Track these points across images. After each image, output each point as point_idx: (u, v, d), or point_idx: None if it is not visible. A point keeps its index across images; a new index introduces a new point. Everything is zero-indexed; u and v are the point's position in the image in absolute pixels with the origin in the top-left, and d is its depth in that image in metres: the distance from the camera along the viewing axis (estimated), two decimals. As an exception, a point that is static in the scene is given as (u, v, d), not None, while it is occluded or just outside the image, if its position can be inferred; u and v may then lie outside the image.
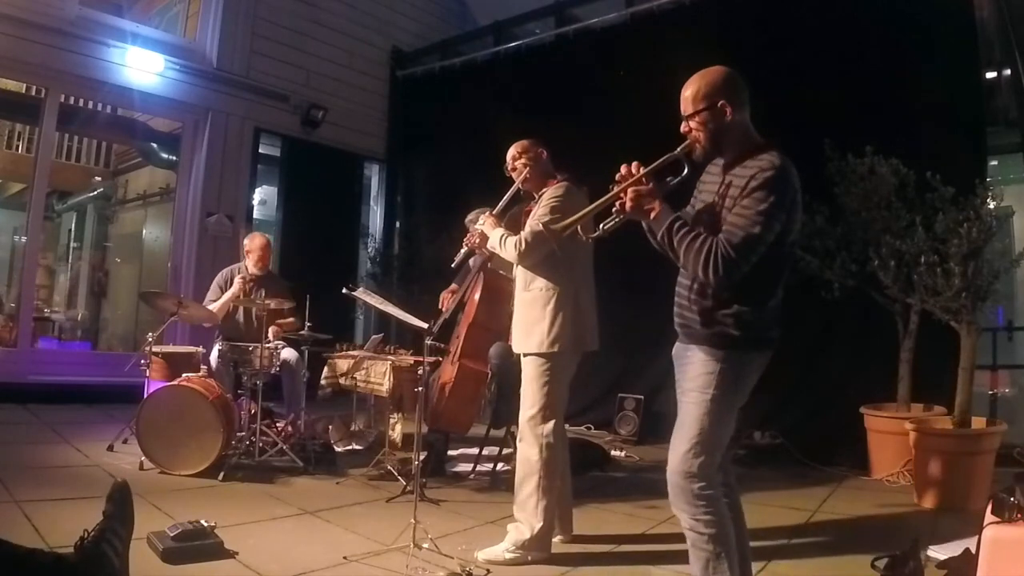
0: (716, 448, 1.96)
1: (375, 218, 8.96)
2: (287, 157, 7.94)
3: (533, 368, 2.90)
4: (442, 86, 8.14)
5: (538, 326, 2.88)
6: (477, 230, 3.15)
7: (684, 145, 2.05)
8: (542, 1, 7.49)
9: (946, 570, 2.46)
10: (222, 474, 3.75)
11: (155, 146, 8.35)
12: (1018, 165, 5.52)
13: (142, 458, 3.79)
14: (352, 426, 5.15)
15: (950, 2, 4.93)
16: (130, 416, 4.14)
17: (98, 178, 10.15)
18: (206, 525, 2.64)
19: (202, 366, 4.39)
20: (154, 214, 9.50)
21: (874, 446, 4.38)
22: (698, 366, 1.98)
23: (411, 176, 8.70)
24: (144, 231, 9.60)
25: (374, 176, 8.99)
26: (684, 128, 2.06)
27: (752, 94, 2.05)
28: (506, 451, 4.19)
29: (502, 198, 3.12)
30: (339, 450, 4.68)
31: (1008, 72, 5.33)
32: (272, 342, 4.52)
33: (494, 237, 3.00)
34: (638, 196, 1.97)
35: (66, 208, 10.43)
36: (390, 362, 4.15)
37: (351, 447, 4.87)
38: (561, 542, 2.99)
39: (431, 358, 3.61)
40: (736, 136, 2.02)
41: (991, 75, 5.35)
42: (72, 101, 7.53)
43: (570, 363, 2.94)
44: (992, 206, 3.90)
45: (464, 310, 4.04)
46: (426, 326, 3.15)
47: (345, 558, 2.66)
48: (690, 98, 2.03)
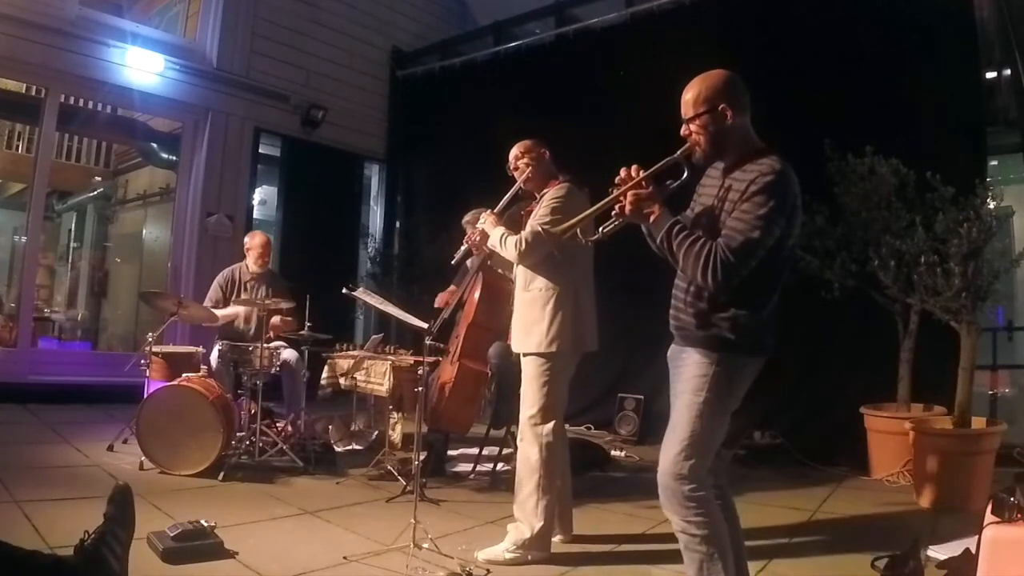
0: (707, 451, 1.96)
1: (375, 218, 8.96)
2: (287, 157, 7.94)
3: (532, 368, 2.90)
4: (442, 86, 8.13)
5: (537, 326, 2.88)
6: (478, 229, 3.15)
7: (684, 148, 2.04)
8: (542, 1, 7.49)
9: (946, 570, 2.46)
10: (222, 474, 3.75)
11: (155, 146, 8.35)
12: (1018, 165, 5.52)
13: (142, 458, 3.79)
14: (352, 426, 5.15)
15: (950, 2, 4.93)
16: (130, 416, 4.14)
17: (98, 178, 10.15)
18: (206, 525, 2.64)
19: (202, 366, 4.39)
20: (154, 214, 9.50)
21: (874, 446, 4.38)
22: (692, 368, 1.98)
23: (411, 176, 8.70)
24: (144, 231, 9.60)
25: (374, 176, 8.99)
26: (684, 131, 2.05)
27: (752, 94, 2.05)
28: (506, 451, 4.19)
29: (502, 198, 3.12)
30: (339, 450, 4.68)
31: (1008, 72, 5.33)
32: (272, 342, 4.52)
33: (494, 236, 3.00)
34: (638, 199, 1.97)
35: (66, 208, 10.43)
36: (390, 362, 4.16)
37: (351, 447, 4.87)
38: (561, 542, 2.99)
39: (431, 358, 3.61)
40: (736, 140, 2.02)
41: (991, 75, 5.35)
42: (72, 101, 7.52)
43: (569, 363, 2.94)
44: (992, 206, 3.90)
45: (463, 310, 4.04)
46: (426, 326, 3.16)
47: (345, 558, 2.67)
48: (691, 101, 2.03)
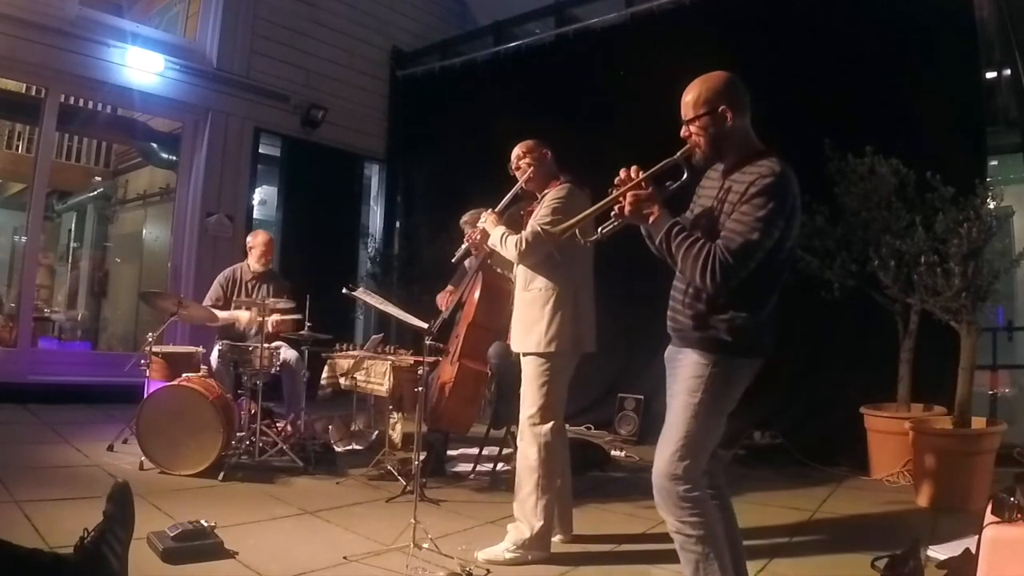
0: (702, 451, 1.96)
1: (375, 218, 8.96)
2: (287, 157, 7.94)
3: (532, 368, 2.90)
4: (442, 86, 8.13)
5: (537, 326, 2.88)
6: (479, 228, 3.16)
7: (684, 149, 2.04)
8: (542, 1, 7.49)
9: (946, 570, 2.46)
10: (222, 474, 3.75)
11: (155, 146, 8.35)
12: (1018, 165, 5.52)
13: (142, 458, 3.79)
14: (352, 426, 5.15)
15: (950, 2, 4.93)
16: (130, 416, 4.14)
17: (98, 178, 10.14)
18: (206, 525, 2.64)
19: (202, 366, 4.39)
20: (154, 214, 9.49)
21: (874, 446, 4.38)
22: (688, 369, 1.98)
23: (411, 176, 8.69)
24: (144, 231, 9.60)
25: (374, 176, 8.99)
26: (684, 133, 2.05)
27: (752, 94, 2.05)
28: (506, 451, 4.19)
29: (502, 198, 3.12)
30: (339, 450, 4.68)
31: (1008, 72, 5.33)
32: (272, 341, 4.52)
33: (495, 235, 3.00)
34: (637, 200, 1.97)
35: (66, 208, 10.42)
36: (390, 362, 4.15)
37: (351, 447, 4.87)
38: (561, 542, 2.99)
39: (431, 358, 3.61)
40: (736, 142, 2.02)
41: (991, 75, 5.35)
42: (72, 101, 7.52)
43: (569, 363, 2.94)
44: (992, 206, 3.89)
45: (463, 310, 4.04)
46: (426, 326, 3.16)
47: (345, 558, 2.67)
48: (691, 103, 2.02)
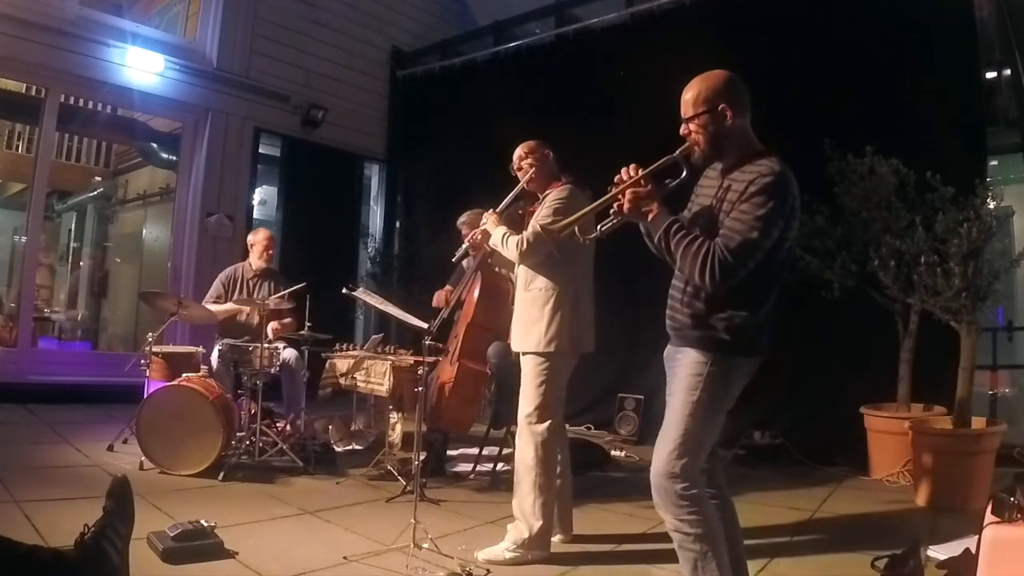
0: (700, 450, 1.96)
1: (375, 218, 8.96)
2: (287, 157, 7.94)
3: (531, 367, 2.91)
4: (442, 86, 8.13)
5: (536, 325, 2.88)
6: (480, 228, 3.16)
7: (683, 148, 2.04)
8: (542, 1, 7.49)
9: (946, 570, 2.46)
10: (222, 474, 3.75)
11: (155, 146, 8.35)
12: (1018, 165, 5.51)
13: (142, 458, 3.79)
14: (352, 426, 5.15)
15: (950, 2, 4.93)
16: (130, 416, 4.14)
17: (98, 178, 10.14)
18: (206, 525, 2.64)
19: (202, 366, 4.39)
20: (154, 214, 9.50)
21: (874, 446, 4.38)
22: (687, 368, 1.98)
23: (411, 176, 8.70)
24: (144, 231, 9.60)
25: (374, 176, 8.99)
26: (684, 131, 2.05)
27: (752, 94, 2.05)
28: (506, 451, 4.19)
29: (502, 198, 3.13)
30: (339, 450, 4.68)
31: (1008, 72, 5.32)
32: (272, 342, 4.52)
33: (496, 235, 3.01)
34: (636, 198, 1.97)
35: (66, 208, 10.42)
36: (390, 362, 4.15)
37: (351, 447, 4.87)
38: (561, 542, 2.99)
39: (431, 358, 3.61)
40: (736, 141, 2.02)
41: (991, 75, 5.35)
42: (72, 101, 7.52)
43: (568, 363, 2.94)
44: (992, 206, 3.89)
45: (462, 310, 4.05)
46: (426, 326, 3.16)
47: (345, 558, 2.67)
48: (691, 101, 2.03)
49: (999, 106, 5.38)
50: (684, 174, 2.04)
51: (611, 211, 2.02)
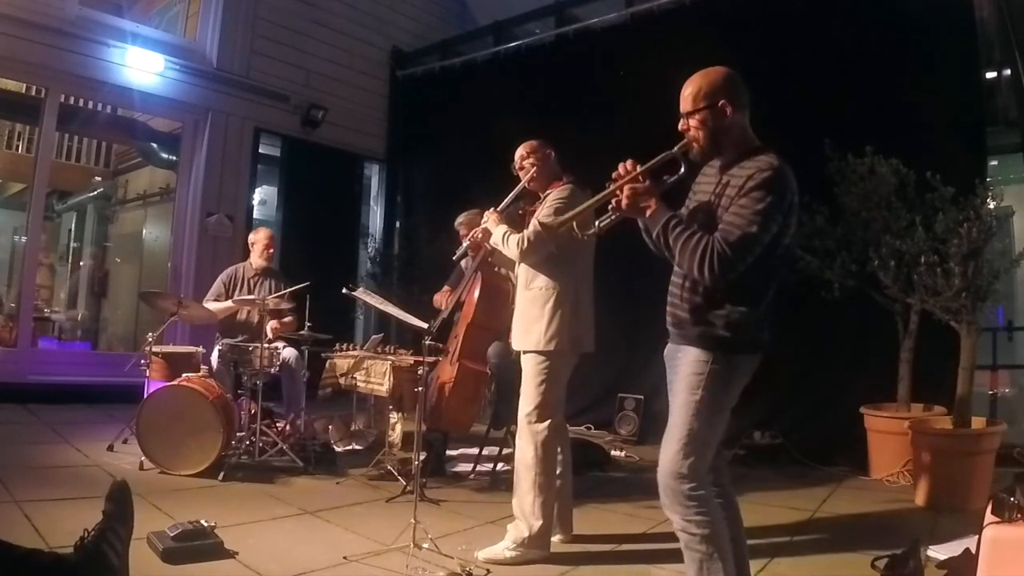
0: (705, 449, 1.96)
1: (375, 218, 8.96)
2: (287, 157, 7.94)
3: (531, 366, 2.91)
4: (442, 86, 8.13)
5: (537, 324, 2.89)
6: (481, 227, 3.16)
7: (681, 144, 2.04)
8: (542, 1, 7.49)
9: (946, 570, 2.46)
10: (222, 474, 3.75)
11: (155, 146, 8.35)
12: (1018, 165, 5.52)
13: (142, 458, 3.79)
14: (352, 426, 5.15)
15: (950, 2, 4.93)
16: (130, 416, 4.14)
17: (98, 178, 10.14)
18: (206, 525, 2.64)
19: (202, 366, 4.39)
20: (154, 214, 9.50)
21: (874, 446, 4.38)
22: (688, 367, 1.98)
23: (411, 176, 8.70)
24: (144, 231, 9.60)
25: (374, 176, 8.99)
26: (683, 126, 2.05)
27: (752, 94, 2.05)
28: (506, 451, 4.19)
29: (502, 198, 3.13)
30: (339, 450, 4.68)
31: (1008, 72, 5.32)
32: (272, 342, 4.53)
33: (497, 234, 3.01)
34: (634, 194, 1.97)
35: (66, 208, 10.42)
36: (390, 362, 4.15)
37: (351, 447, 4.87)
38: (561, 542, 2.99)
39: (431, 358, 3.61)
40: (735, 137, 2.02)
41: (991, 75, 5.35)
42: (72, 101, 7.52)
43: (568, 362, 2.94)
44: (992, 206, 3.89)
45: (462, 310, 4.05)
46: (426, 326, 3.16)
47: (345, 558, 2.67)
48: (690, 96, 2.03)
49: (999, 106, 5.38)
50: (682, 170, 2.05)
51: (609, 207, 2.02)
